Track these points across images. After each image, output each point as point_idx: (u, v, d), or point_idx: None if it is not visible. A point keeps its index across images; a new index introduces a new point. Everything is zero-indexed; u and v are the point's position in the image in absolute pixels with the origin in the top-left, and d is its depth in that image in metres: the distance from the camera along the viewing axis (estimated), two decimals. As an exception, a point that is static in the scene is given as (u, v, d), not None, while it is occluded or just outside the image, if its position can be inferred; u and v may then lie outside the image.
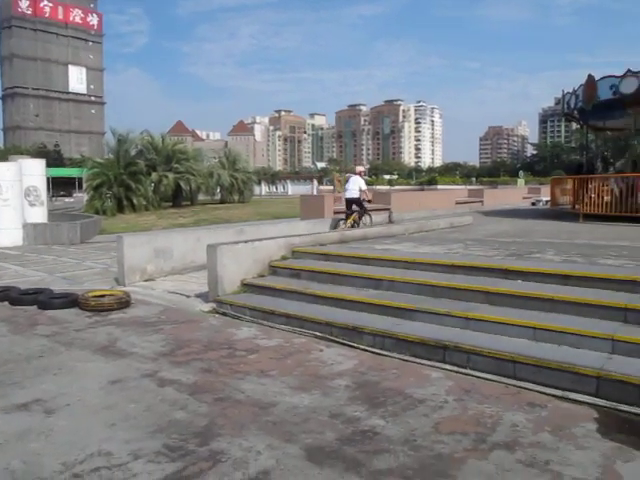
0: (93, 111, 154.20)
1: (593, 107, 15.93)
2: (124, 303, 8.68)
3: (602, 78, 15.30)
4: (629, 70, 14.33)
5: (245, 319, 7.96)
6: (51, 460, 3.89)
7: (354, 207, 15.76)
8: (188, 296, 9.41)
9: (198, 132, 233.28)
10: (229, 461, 3.87)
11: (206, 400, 4.98)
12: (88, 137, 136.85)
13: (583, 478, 3.65)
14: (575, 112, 17.95)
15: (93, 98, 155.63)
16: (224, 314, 8.33)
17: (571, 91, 17.46)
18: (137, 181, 34.88)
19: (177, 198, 38.76)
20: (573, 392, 5.05)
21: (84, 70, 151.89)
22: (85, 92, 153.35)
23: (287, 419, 4.56)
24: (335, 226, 15.58)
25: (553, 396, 5.05)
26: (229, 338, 7.04)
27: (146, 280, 10.79)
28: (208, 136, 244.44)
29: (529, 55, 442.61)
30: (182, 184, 37.67)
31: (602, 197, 15.98)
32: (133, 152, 38.59)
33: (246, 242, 9.37)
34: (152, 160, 37.83)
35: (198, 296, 9.27)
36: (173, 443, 4.13)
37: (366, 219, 16.24)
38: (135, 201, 34.26)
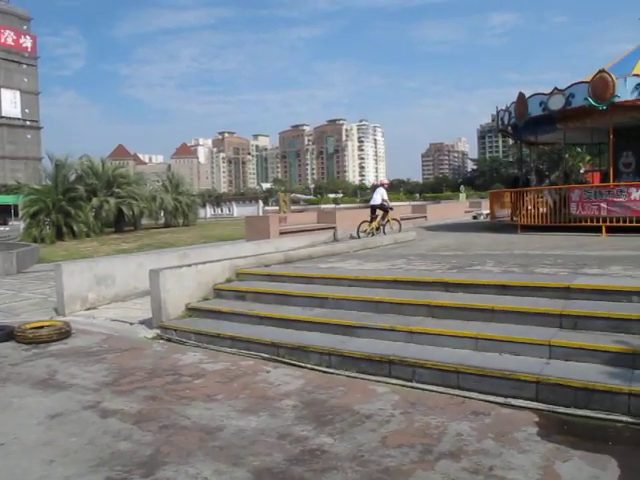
0: (29, 136, 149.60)
1: (525, 123, 16.59)
2: (64, 333, 8.42)
3: (532, 95, 15.97)
4: (556, 88, 15.02)
5: (190, 344, 7.85)
6: (-14, 502, 3.72)
7: (377, 212, 18.43)
8: (132, 323, 9.20)
9: (140, 155, 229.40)
10: (175, 490, 3.80)
11: (151, 428, 4.88)
12: (24, 163, 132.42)
13: (524, 481, 3.76)
14: (509, 128, 18.64)
15: (28, 122, 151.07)
16: (169, 340, 8.19)
17: (504, 108, 18.14)
18: (77, 207, 33.89)
19: (119, 223, 37.89)
20: (514, 398, 5.20)
21: (18, 93, 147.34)
22: (20, 116, 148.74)
23: (234, 443, 4.52)
24: (358, 228, 18.35)
25: (496, 403, 5.19)
26: (174, 364, 6.93)
27: (87, 309, 10.50)
28: (151, 159, 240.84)
29: (465, 74, 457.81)
30: (124, 209, 36.84)
31: (538, 208, 16.60)
32: (72, 177, 37.49)
33: (190, 266, 9.26)
34: (92, 185, 36.85)
35: (142, 323, 9.08)
36: (116, 475, 4.02)
37: (394, 226, 18.72)
38: (75, 228, 33.23)
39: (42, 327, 8.48)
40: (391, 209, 19.14)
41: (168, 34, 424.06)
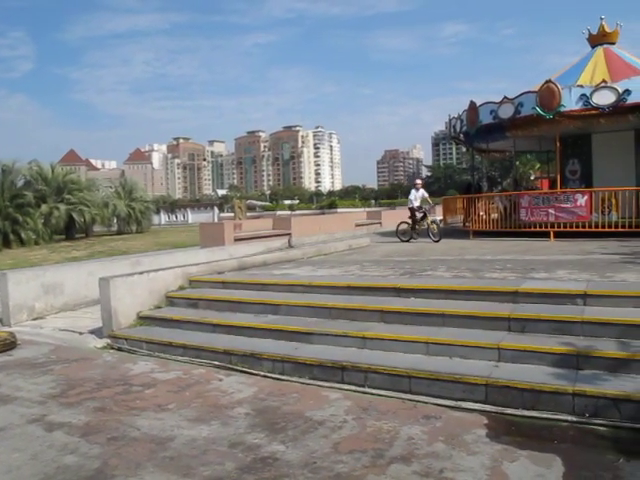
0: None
1: (476, 131, 16.99)
2: (9, 345, 8.15)
3: (483, 104, 16.37)
4: (505, 97, 15.44)
5: (142, 353, 7.71)
6: None
7: (417, 215, 16.56)
8: (81, 333, 8.97)
9: (92, 161, 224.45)
10: (122, 503, 3.71)
11: (99, 441, 4.76)
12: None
13: (473, 482, 3.83)
14: (461, 135, 19.05)
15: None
16: (119, 349, 8.02)
17: (456, 116, 18.54)
18: (25, 214, 32.88)
19: (70, 230, 36.91)
20: (465, 401, 5.30)
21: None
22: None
23: (185, 453, 4.46)
24: (397, 229, 17.34)
25: (447, 407, 5.27)
26: (125, 374, 6.79)
27: (35, 319, 10.19)
28: (103, 165, 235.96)
29: (419, 82, 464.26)
30: (75, 216, 35.93)
31: (489, 214, 16.99)
32: (20, 183, 36.37)
33: (141, 273, 9.11)
34: (41, 191, 35.83)
35: (92, 332, 8.87)
36: (61, 490, 3.91)
37: (433, 225, 16.36)
38: (23, 235, 32.22)
39: (-15, 338, 8.19)
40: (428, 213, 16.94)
41: (120, 38, 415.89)
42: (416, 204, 16.50)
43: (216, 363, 6.86)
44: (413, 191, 16.85)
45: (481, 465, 4.06)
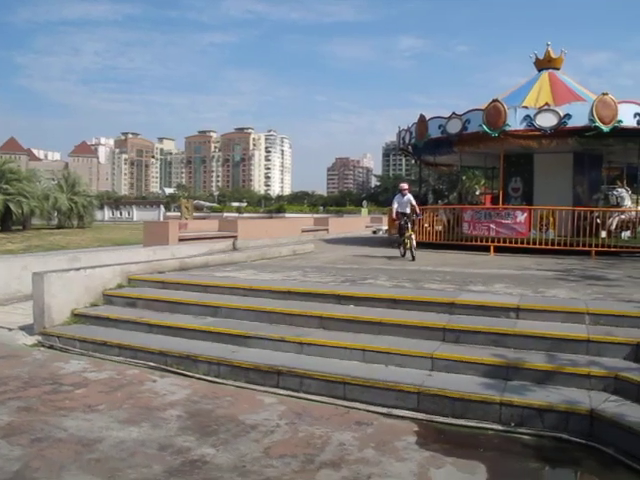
0: None
1: (424, 144, 17.31)
2: None
3: (432, 118, 16.71)
4: (454, 113, 15.81)
5: (75, 352, 7.49)
6: None
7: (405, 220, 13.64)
8: (10, 329, 8.63)
9: (35, 151, 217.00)
10: (42, 506, 3.60)
11: (21, 442, 4.60)
12: None
13: (400, 488, 3.90)
14: (409, 147, 19.37)
15: None
16: (51, 347, 7.78)
17: (406, 128, 18.84)
18: (-44, 202, 31.61)
19: (6, 222, 35.51)
20: (397, 408, 5.40)
21: None
22: None
23: (112, 455, 4.36)
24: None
25: (379, 413, 5.36)
26: (55, 372, 6.58)
27: (-39, 312, 9.76)
28: (46, 156, 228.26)
29: (373, 92, 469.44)
30: (12, 207, 34.59)
31: (433, 227, 17.32)
32: (-48, 170, 34.97)
33: (78, 269, 8.86)
34: (-24, 180, 34.52)
35: (22, 328, 8.55)
36: (-24, 494, 3.76)
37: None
38: (-47, 225, 30.96)
39: None
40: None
41: (70, 25, 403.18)
42: (401, 210, 13.84)
43: (151, 364, 6.74)
44: (398, 196, 14.17)
45: (409, 471, 4.14)
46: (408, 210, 13.77)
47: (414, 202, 13.96)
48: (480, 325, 6.40)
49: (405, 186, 14.41)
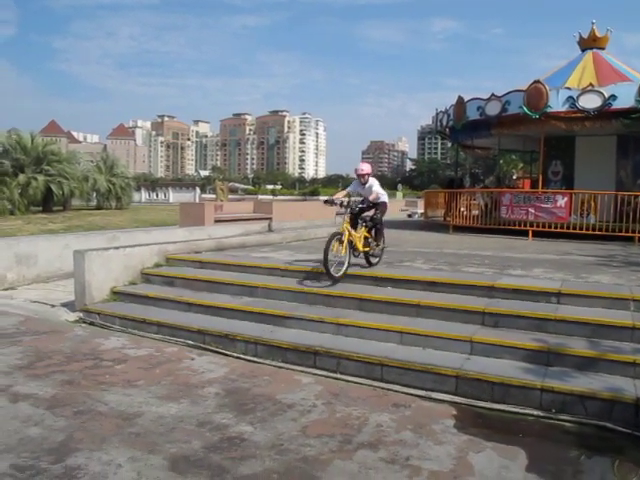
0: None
1: (462, 126, 17.00)
2: (-22, 314, 8.01)
3: (470, 100, 16.38)
4: (493, 94, 15.46)
5: (114, 328, 7.63)
6: None
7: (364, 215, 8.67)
8: (53, 305, 8.86)
9: (74, 133, 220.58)
10: (86, 477, 3.67)
11: (65, 414, 4.70)
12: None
13: (439, 470, 3.87)
14: (447, 130, 19.05)
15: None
16: (92, 323, 7.94)
17: (443, 110, 18.53)
18: (1, 183, 32.30)
19: (48, 203, 36.30)
20: (435, 392, 5.35)
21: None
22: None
23: (152, 430, 4.42)
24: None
25: (417, 396, 5.31)
26: (95, 348, 6.71)
27: (6, 289, 10.03)
28: (85, 138, 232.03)
29: (406, 76, 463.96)
30: (54, 188, 35.31)
31: (470, 210, 17.07)
32: (-2, 152, 35.80)
33: (117, 248, 9.00)
34: (20, 161, 35.15)
35: (64, 305, 8.76)
36: (23, 462, 3.85)
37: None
38: (-1, 204, 31.75)
39: (-46, 306, 8.04)
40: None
41: (107, 9, 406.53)
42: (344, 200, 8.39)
43: (189, 342, 6.83)
44: (355, 183, 8.91)
45: (447, 455, 4.09)
46: (364, 205, 8.61)
47: (382, 194, 8.74)
48: (520, 309, 6.28)
49: (364, 168, 8.68)
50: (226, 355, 6.39)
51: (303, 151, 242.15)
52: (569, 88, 14.35)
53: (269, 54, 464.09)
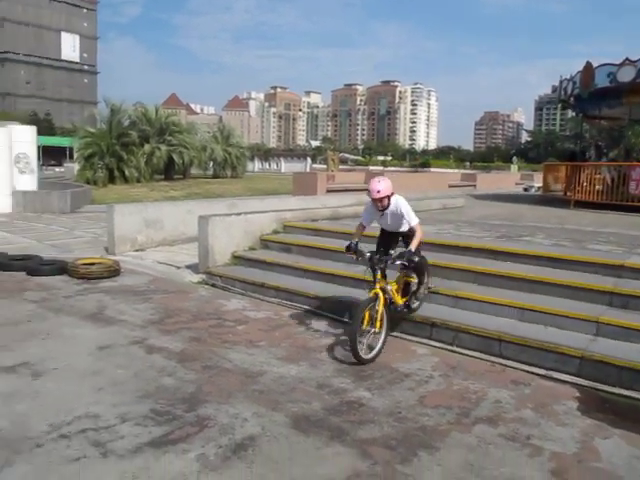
0: (86, 80, 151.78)
1: (589, 95, 15.90)
2: (113, 272, 8.67)
3: (600, 65, 15.24)
4: (627, 59, 14.29)
5: (235, 291, 7.98)
6: (38, 421, 3.92)
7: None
8: (178, 267, 9.40)
9: (192, 106, 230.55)
10: (216, 427, 3.91)
11: (194, 368, 5.02)
12: (80, 106, 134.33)
13: (562, 452, 3.74)
14: (571, 99, 17.91)
15: (86, 67, 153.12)
16: (213, 285, 8.35)
17: (568, 77, 17.40)
18: (129, 152, 34.49)
19: (169, 171, 38.45)
20: (556, 372, 5.14)
21: (77, 38, 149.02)
22: (78, 60, 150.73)
23: (274, 388, 4.61)
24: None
25: (537, 375, 5.15)
26: (218, 309, 7.07)
27: (136, 250, 10.77)
28: (202, 110, 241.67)
29: (523, 42, 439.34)
30: (175, 157, 37.32)
31: (594, 185, 16.04)
32: (126, 123, 38.03)
33: (238, 214, 9.35)
34: (145, 132, 37.35)
35: (188, 267, 9.27)
36: (160, 408, 4.17)
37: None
38: (127, 172, 33.93)
39: (93, 264, 8.76)
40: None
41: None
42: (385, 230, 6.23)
43: (306, 307, 7.00)
44: (369, 207, 5.97)
45: (571, 437, 3.95)
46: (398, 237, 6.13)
47: (413, 222, 5.87)
48: (655, 291, 5.85)
49: (380, 188, 5.58)
50: (342, 322, 6.50)
51: (414, 122, 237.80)
52: None
53: (380, 24, 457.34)
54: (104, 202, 20.24)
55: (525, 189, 29.90)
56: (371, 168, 70.76)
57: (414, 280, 6.05)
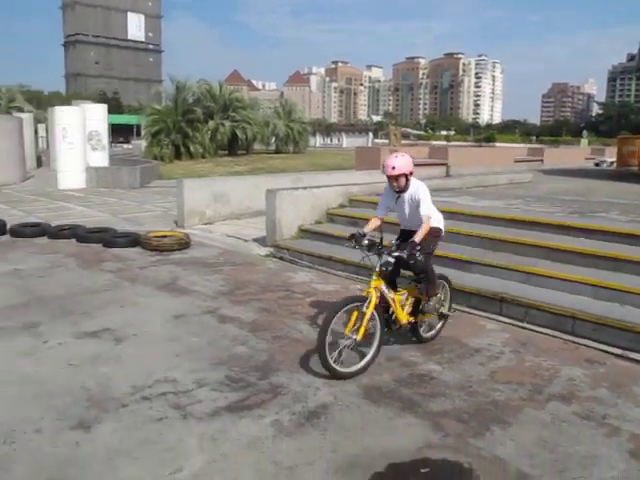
0: (151, 59, 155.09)
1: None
2: (184, 244, 8.94)
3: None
4: None
5: (302, 264, 8.09)
6: (121, 383, 4.13)
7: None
8: (246, 240, 9.59)
9: (254, 82, 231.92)
10: (289, 394, 4.01)
11: (265, 337, 5.15)
12: (146, 85, 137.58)
13: (642, 434, 3.63)
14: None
15: (151, 46, 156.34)
16: (281, 258, 8.48)
17: (648, 44, 16.49)
18: (194, 129, 35.17)
19: (233, 147, 38.99)
20: (633, 351, 4.97)
21: (142, 17, 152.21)
22: (143, 39, 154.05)
23: (344, 360, 4.65)
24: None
25: (612, 354, 4.99)
26: (286, 281, 7.19)
27: (205, 223, 11.05)
28: (264, 86, 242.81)
29: (596, 8, 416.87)
30: (238, 133, 37.79)
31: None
32: (190, 100, 38.72)
33: (305, 188, 9.45)
34: (209, 108, 37.93)
35: (255, 240, 9.46)
36: (235, 375, 4.31)
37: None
38: (192, 148, 34.66)
39: (165, 236, 9.05)
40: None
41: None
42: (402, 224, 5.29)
43: (373, 281, 7.00)
44: (387, 189, 5.18)
45: (651, 419, 3.83)
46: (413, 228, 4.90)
47: (424, 211, 4.78)
48: None
49: (396, 164, 4.71)
50: (410, 296, 6.47)
51: (478, 95, 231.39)
52: None
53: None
54: (171, 177, 20.78)
55: (596, 164, 28.69)
56: (434, 143, 69.56)
57: (424, 297, 4.94)
